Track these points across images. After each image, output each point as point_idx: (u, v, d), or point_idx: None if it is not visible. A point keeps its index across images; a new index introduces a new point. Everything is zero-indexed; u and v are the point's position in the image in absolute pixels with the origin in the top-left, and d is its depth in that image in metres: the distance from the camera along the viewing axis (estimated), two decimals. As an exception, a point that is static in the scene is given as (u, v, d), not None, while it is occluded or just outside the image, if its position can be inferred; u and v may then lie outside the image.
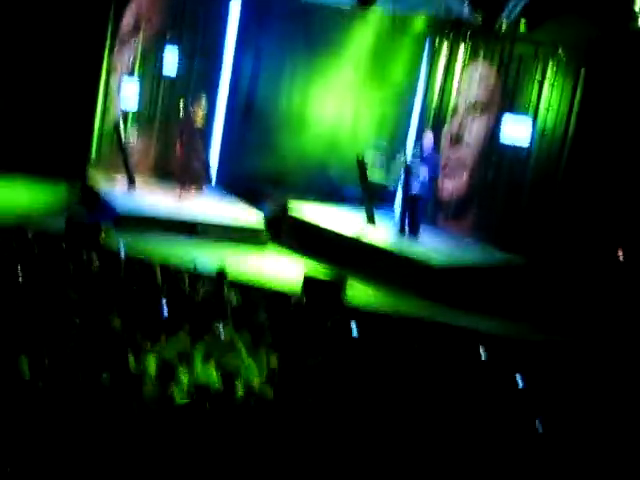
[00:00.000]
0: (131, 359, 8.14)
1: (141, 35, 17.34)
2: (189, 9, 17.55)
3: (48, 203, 16.23)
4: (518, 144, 15.57)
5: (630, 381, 10.72)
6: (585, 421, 9.11)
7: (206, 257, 13.89)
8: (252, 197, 17.14)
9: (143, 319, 9.42)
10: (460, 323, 12.83)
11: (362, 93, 17.76)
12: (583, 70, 15.17)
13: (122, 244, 12.47)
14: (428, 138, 15.66)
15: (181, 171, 16.62)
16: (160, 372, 7.81)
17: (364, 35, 17.49)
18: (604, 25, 14.11)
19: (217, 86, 17.98)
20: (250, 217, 16.07)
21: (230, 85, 18.09)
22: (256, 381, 8.32)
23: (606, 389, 10.23)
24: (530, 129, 15.51)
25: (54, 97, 17.57)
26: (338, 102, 18.05)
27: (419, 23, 17.31)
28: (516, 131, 15.66)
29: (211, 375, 8.20)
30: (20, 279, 9.90)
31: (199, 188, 16.61)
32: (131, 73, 17.52)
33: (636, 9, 10.86)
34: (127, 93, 17.26)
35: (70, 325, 8.84)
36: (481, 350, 10.19)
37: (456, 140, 16.88)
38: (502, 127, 15.79)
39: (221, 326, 9.45)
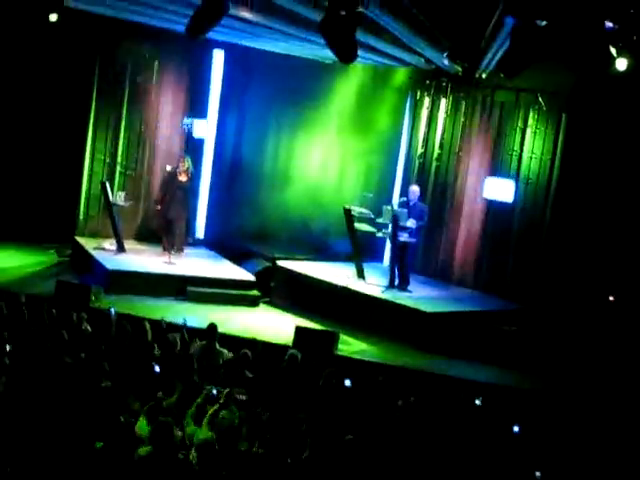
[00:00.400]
0: (124, 419, 8.07)
1: (126, 94, 17.44)
2: (173, 67, 17.67)
3: (38, 267, 16.25)
4: (502, 200, 15.67)
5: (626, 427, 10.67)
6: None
7: (196, 316, 13.88)
8: (240, 255, 17.16)
9: (135, 378, 9.37)
10: (454, 373, 12.80)
11: (347, 145, 17.88)
12: (564, 116, 15.31)
13: (112, 305, 12.48)
14: (414, 188, 15.78)
15: (164, 231, 16.61)
16: (154, 432, 7.74)
17: (347, 88, 17.65)
18: (583, 71, 14.27)
19: (202, 144, 18.07)
20: (239, 276, 16.08)
21: (215, 142, 18.21)
22: (249, 436, 8.25)
23: (603, 436, 10.17)
24: (513, 188, 15.61)
25: (41, 163, 17.71)
26: (323, 155, 18.18)
27: (400, 75, 17.46)
28: (499, 191, 15.73)
29: (205, 433, 8.13)
30: (10, 343, 9.84)
31: (180, 249, 16.56)
32: (117, 133, 17.60)
33: (613, 53, 10.97)
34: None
35: (63, 386, 8.78)
36: (477, 401, 10.13)
37: (442, 189, 16.95)
38: (485, 186, 15.87)
39: (213, 383, 9.42)
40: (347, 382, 10.09)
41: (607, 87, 13.90)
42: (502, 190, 15.73)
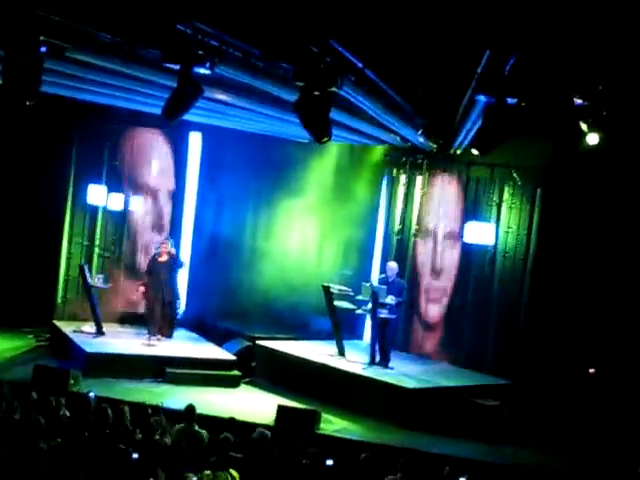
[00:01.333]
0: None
1: (104, 177, 17.51)
2: (150, 149, 17.79)
3: (16, 351, 16.13)
4: (482, 243, 15.72)
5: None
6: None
7: (176, 398, 13.77)
8: (220, 335, 17.08)
9: (114, 465, 9.24)
10: (438, 450, 12.70)
11: (325, 222, 17.98)
12: (539, 190, 15.46)
13: (91, 389, 12.37)
14: (391, 264, 15.84)
15: (151, 314, 16.51)
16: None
17: (324, 166, 17.82)
18: (556, 146, 14.46)
19: (180, 226, 18.13)
20: (219, 356, 15.99)
21: (195, 222, 18.27)
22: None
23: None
24: (494, 232, 15.70)
25: (18, 247, 17.67)
26: (302, 232, 18.27)
27: (376, 152, 17.64)
28: (479, 235, 15.76)
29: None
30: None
31: (167, 334, 16.43)
32: (94, 215, 17.62)
33: (584, 129, 11.15)
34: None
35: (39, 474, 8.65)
36: (461, 478, 10.03)
37: (421, 265, 17.00)
38: (465, 232, 15.94)
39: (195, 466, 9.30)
40: (329, 462, 9.99)
41: (580, 161, 14.07)
42: (482, 234, 15.78)
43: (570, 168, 14.69)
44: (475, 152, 11.94)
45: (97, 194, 17.28)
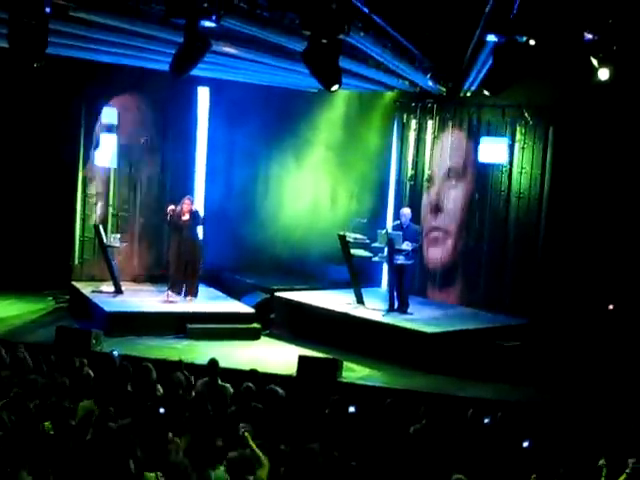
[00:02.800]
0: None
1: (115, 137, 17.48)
2: (158, 106, 17.70)
3: (37, 314, 16.24)
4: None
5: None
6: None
7: (198, 353, 13.88)
8: (237, 290, 17.14)
9: (141, 420, 9.32)
10: (460, 392, 12.78)
11: (337, 172, 17.94)
12: (552, 129, 15.38)
13: (113, 348, 12.47)
14: (405, 210, 15.83)
15: (179, 273, 16.46)
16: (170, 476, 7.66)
17: (334, 115, 17.75)
18: (567, 83, 14.35)
19: (193, 180, 18.12)
20: (238, 309, 16.07)
21: (206, 179, 18.24)
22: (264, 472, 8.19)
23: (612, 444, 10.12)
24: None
25: (33, 210, 17.72)
26: (314, 183, 18.25)
27: (386, 99, 17.56)
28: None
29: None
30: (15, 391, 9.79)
31: (194, 293, 16.40)
32: (107, 175, 17.61)
33: (595, 64, 11.04)
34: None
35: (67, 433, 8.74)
36: (485, 419, 10.10)
37: (435, 209, 16.98)
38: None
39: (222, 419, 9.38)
40: (351, 409, 10.05)
41: (591, 97, 13.97)
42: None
43: (582, 105, 14.61)
44: (486, 93, 11.85)
45: (106, 154, 17.20)
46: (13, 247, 17.67)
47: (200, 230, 16.80)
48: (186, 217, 16.13)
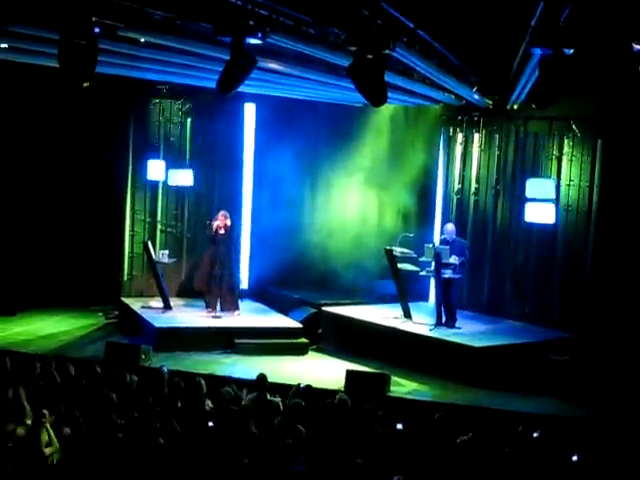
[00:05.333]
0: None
1: (161, 152, 17.65)
2: (205, 123, 17.84)
3: (87, 330, 16.43)
4: (543, 222, 15.45)
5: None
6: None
7: (246, 368, 13.94)
8: (285, 305, 17.18)
9: (190, 435, 9.39)
10: (509, 407, 12.70)
11: (383, 186, 17.89)
12: (600, 141, 15.27)
13: (163, 364, 12.57)
14: (449, 226, 15.79)
15: (207, 287, 16.54)
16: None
17: (380, 130, 17.72)
18: (615, 95, 14.24)
19: (240, 198, 18.23)
20: (286, 324, 16.11)
21: (253, 194, 18.36)
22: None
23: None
24: (554, 205, 15.43)
25: (82, 227, 17.94)
26: (361, 198, 18.24)
27: (432, 113, 17.53)
28: (540, 214, 15.33)
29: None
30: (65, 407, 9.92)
31: (233, 308, 16.45)
32: (155, 192, 17.78)
33: (643, 75, 10.96)
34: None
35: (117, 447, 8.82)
36: (534, 433, 10.03)
37: (482, 224, 16.91)
38: (526, 211, 15.59)
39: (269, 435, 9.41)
40: (399, 426, 10.03)
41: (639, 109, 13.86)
42: (543, 214, 15.52)
43: (630, 117, 14.49)
44: (533, 106, 11.79)
45: (156, 170, 17.37)
46: (63, 263, 17.89)
47: (241, 245, 16.89)
48: (222, 231, 16.22)
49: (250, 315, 16.57)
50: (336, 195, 18.42)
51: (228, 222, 16.35)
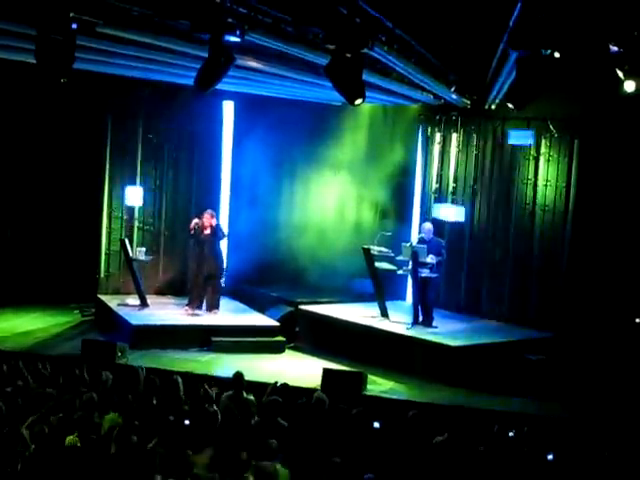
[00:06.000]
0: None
1: (139, 150, 17.60)
2: (183, 120, 17.80)
3: (63, 327, 16.36)
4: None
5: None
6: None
7: (223, 365, 13.92)
8: (261, 303, 17.17)
9: (165, 434, 9.35)
10: (485, 406, 12.74)
11: (361, 185, 17.91)
12: (577, 141, 15.34)
13: (139, 360, 12.54)
14: (427, 225, 15.82)
15: (197, 287, 16.51)
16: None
17: (358, 128, 17.75)
18: (592, 95, 14.32)
19: (218, 193, 18.21)
20: (263, 322, 16.10)
21: (230, 191, 18.33)
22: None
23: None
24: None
25: (59, 224, 17.87)
26: (338, 197, 18.25)
27: (410, 112, 17.55)
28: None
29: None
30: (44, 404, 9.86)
31: (213, 307, 16.39)
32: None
33: (620, 76, 11.01)
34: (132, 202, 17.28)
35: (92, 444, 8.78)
36: (510, 432, 10.07)
37: (460, 223, 16.94)
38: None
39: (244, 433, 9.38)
40: (376, 424, 10.04)
41: (617, 110, 13.95)
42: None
43: (607, 117, 14.58)
44: (510, 106, 11.83)
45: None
46: (39, 260, 17.82)
47: (222, 244, 16.84)
48: (207, 231, 16.16)
49: (227, 313, 16.54)
50: (314, 193, 18.43)
51: (214, 221, 16.29)
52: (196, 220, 16.16)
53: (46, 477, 8.03)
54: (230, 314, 16.52)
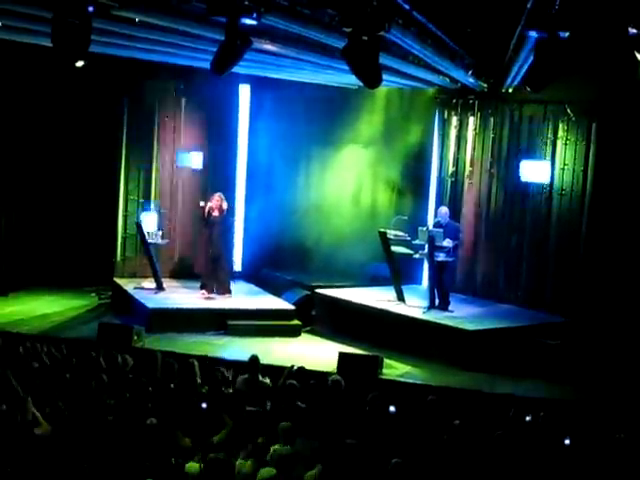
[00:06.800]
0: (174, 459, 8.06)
1: (156, 134, 17.60)
2: (200, 103, 17.77)
3: (80, 311, 16.42)
4: (538, 183, 15.57)
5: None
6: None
7: (239, 349, 13.95)
8: (279, 286, 17.18)
9: (183, 416, 9.38)
10: (501, 390, 12.74)
11: (378, 169, 17.92)
12: (594, 125, 15.25)
13: (155, 343, 12.57)
14: (443, 209, 15.80)
15: (204, 269, 16.51)
16: (206, 470, 7.71)
17: (374, 112, 17.72)
18: (610, 78, 14.23)
19: (234, 179, 18.19)
20: (279, 306, 16.12)
21: (247, 175, 18.34)
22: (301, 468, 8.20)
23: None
24: (549, 174, 15.51)
25: (75, 208, 17.95)
26: (355, 180, 18.25)
27: (426, 95, 17.48)
28: (535, 172, 15.56)
29: (269, 470, 8.05)
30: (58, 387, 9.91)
31: (225, 291, 16.42)
32: (149, 172, 17.74)
33: (639, 59, 10.92)
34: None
35: (108, 428, 8.81)
36: (527, 417, 10.05)
37: (477, 207, 16.90)
38: (521, 170, 15.65)
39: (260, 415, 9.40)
40: (392, 408, 10.03)
41: (635, 93, 13.84)
42: (538, 172, 15.62)
43: (625, 100, 14.48)
44: (528, 89, 11.76)
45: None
46: (56, 244, 17.88)
47: (234, 228, 16.85)
48: (216, 213, 16.15)
49: (243, 297, 16.56)
50: (330, 177, 18.39)
51: (224, 205, 16.27)
52: (209, 204, 16.15)
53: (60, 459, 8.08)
54: (246, 298, 16.54)
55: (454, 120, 17.33)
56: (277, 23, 11.60)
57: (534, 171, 15.62)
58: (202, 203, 16.24)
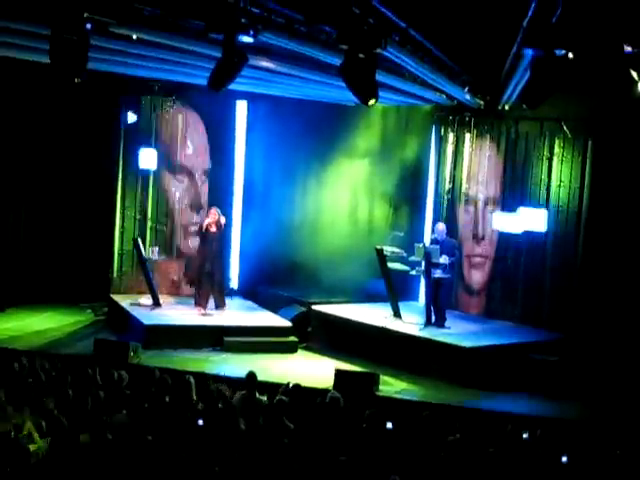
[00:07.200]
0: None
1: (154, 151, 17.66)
2: (197, 120, 17.80)
3: (76, 327, 16.40)
4: (534, 230, 15.57)
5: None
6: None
7: (235, 366, 13.93)
8: (274, 303, 17.17)
9: (179, 432, 9.37)
10: (498, 407, 12.72)
11: (374, 186, 17.90)
12: (590, 142, 15.29)
13: (151, 360, 12.55)
14: (440, 226, 15.81)
15: (197, 284, 16.52)
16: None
17: (371, 129, 17.71)
18: (606, 96, 14.27)
19: (231, 195, 18.21)
20: (275, 323, 16.10)
21: (244, 191, 18.36)
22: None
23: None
24: (545, 218, 15.50)
25: (72, 224, 17.94)
26: (351, 197, 18.23)
27: (423, 112, 17.51)
28: (532, 221, 15.52)
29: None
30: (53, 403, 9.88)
31: (220, 305, 16.43)
32: (145, 189, 17.75)
33: (634, 77, 10.96)
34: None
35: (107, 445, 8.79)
36: (524, 434, 10.04)
37: (473, 224, 16.91)
38: (517, 217, 15.63)
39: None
40: (389, 425, 10.03)
41: (631, 111, 13.88)
42: (535, 220, 15.60)
43: (621, 118, 14.52)
44: (524, 106, 11.79)
45: (147, 160, 17.36)
46: (52, 260, 17.86)
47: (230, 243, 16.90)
48: (214, 229, 16.16)
49: (239, 313, 16.55)
50: (327, 194, 18.38)
51: (222, 220, 16.28)
52: (207, 219, 16.16)
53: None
54: (242, 314, 16.53)
55: (450, 137, 17.36)
56: (274, 40, 11.65)
57: (532, 219, 15.59)
58: (208, 220, 16.18)
